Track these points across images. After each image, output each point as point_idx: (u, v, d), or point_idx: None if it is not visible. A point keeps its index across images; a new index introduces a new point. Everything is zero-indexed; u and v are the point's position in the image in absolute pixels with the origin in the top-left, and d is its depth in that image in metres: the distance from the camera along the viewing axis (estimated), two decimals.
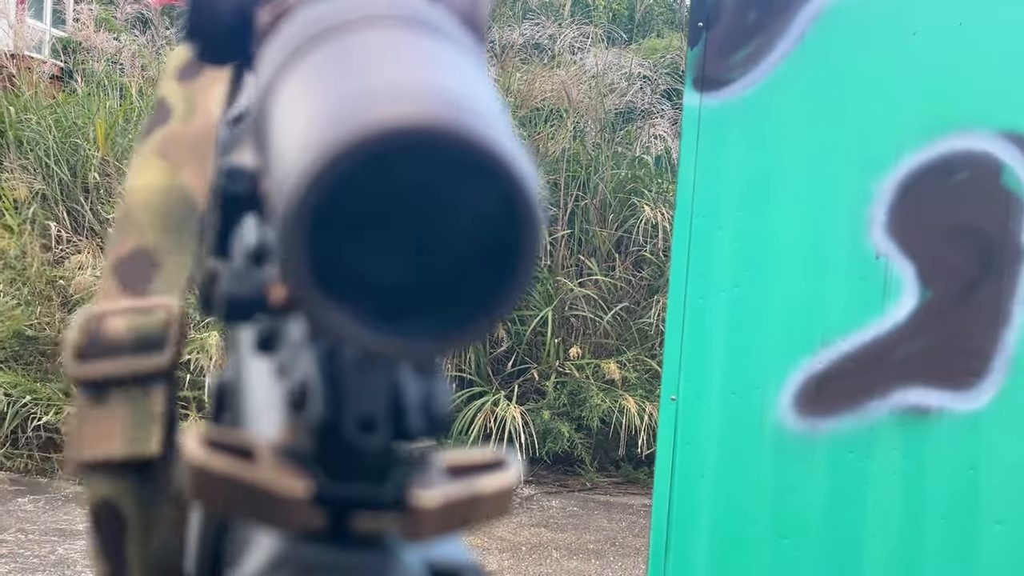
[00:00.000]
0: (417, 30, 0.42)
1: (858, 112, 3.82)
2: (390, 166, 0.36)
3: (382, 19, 0.42)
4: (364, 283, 0.39)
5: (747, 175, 3.96)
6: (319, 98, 0.38)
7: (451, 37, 0.42)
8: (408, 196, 0.38)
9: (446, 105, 0.36)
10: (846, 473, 3.83)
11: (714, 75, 3.99)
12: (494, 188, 0.37)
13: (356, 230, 0.38)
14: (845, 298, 3.84)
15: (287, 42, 0.43)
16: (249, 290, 0.46)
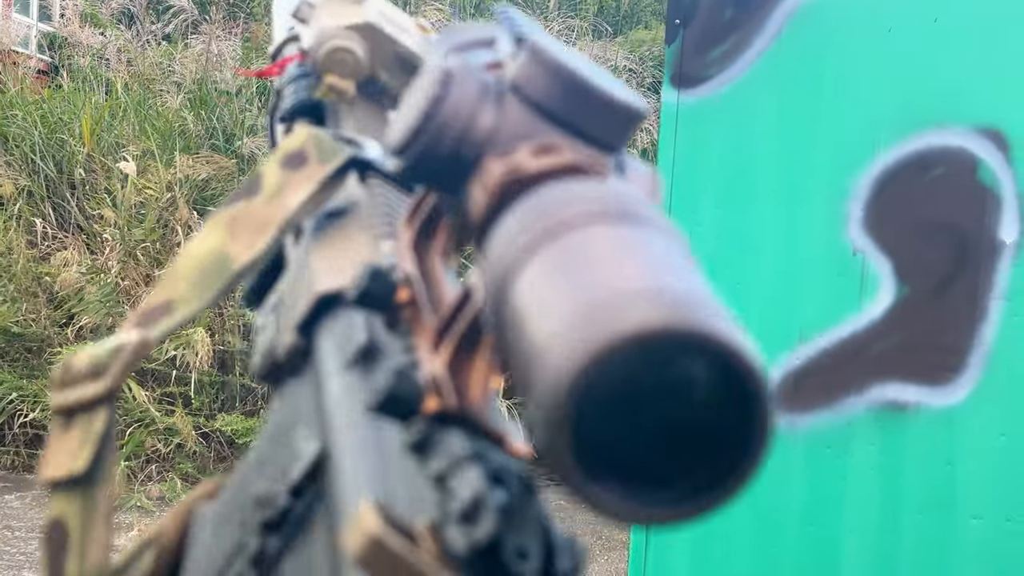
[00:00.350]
0: (648, 228, 0.46)
1: (834, 109, 3.83)
2: (639, 361, 0.41)
3: (617, 215, 0.46)
4: (613, 459, 0.42)
5: (725, 172, 3.97)
6: (574, 296, 0.42)
7: (669, 231, 0.47)
8: (652, 383, 0.42)
9: (686, 308, 0.40)
10: (824, 469, 3.85)
11: (691, 72, 3.99)
12: (728, 374, 0.41)
13: (606, 413, 0.42)
14: (822, 294, 3.85)
15: (533, 221, 0.46)
16: (408, 391, 0.50)
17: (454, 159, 0.55)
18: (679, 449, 0.43)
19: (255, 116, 10.61)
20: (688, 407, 0.42)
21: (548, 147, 0.50)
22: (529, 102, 0.54)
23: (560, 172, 0.50)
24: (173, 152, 9.25)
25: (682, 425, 0.43)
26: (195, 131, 9.95)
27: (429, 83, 0.55)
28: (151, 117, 9.96)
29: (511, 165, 0.50)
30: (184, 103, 10.21)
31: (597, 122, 0.53)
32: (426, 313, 0.54)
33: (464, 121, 0.55)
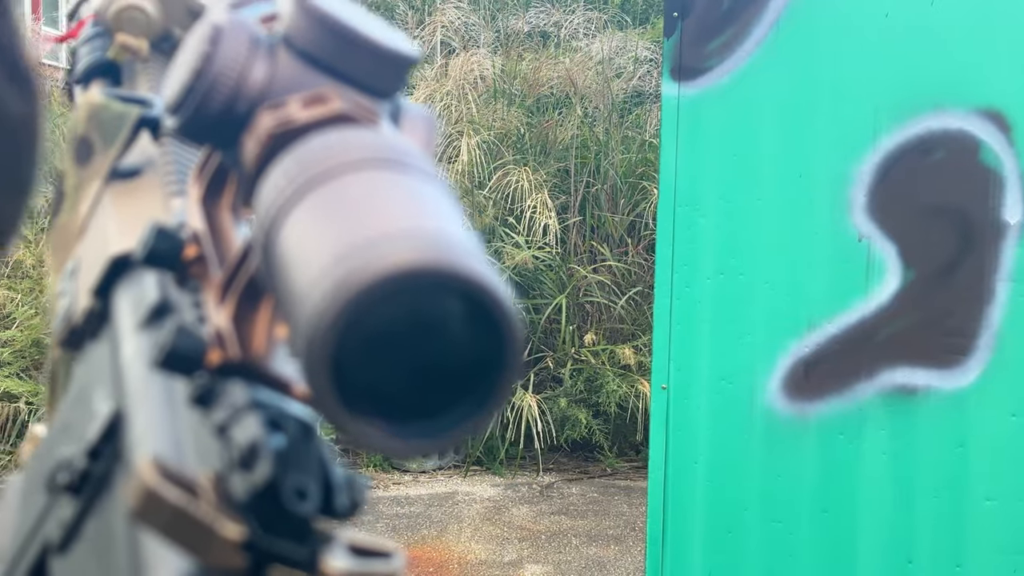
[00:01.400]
0: (409, 172, 0.49)
1: (834, 95, 3.83)
2: (395, 300, 0.44)
3: (380, 161, 0.48)
4: (376, 396, 0.45)
5: (727, 163, 3.98)
6: (335, 239, 0.45)
7: (432, 176, 0.50)
8: (409, 321, 0.45)
9: (438, 248, 0.44)
10: (836, 455, 3.86)
11: (691, 64, 4.01)
12: (479, 311, 0.44)
13: (367, 353, 0.44)
14: (829, 281, 3.86)
15: (297, 172, 0.49)
16: (191, 346, 0.51)
17: (228, 115, 0.56)
18: (440, 383, 0.46)
19: None
20: (446, 343, 0.45)
21: (317, 97, 0.52)
22: (300, 54, 0.56)
23: (329, 121, 0.51)
24: None
25: (441, 360, 0.45)
26: None
27: (198, 40, 0.56)
28: None
29: (280, 117, 0.52)
30: None
31: (368, 70, 0.55)
32: (213, 268, 0.55)
33: (235, 76, 0.56)
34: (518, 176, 9.40)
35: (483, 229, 9.47)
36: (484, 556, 7.09)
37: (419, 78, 10.80)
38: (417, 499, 8.20)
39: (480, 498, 8.28)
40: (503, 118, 10.12)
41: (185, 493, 0.48)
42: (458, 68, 10.19)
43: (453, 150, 9.78)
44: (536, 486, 8.58)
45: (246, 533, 0.48)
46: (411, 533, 7.46)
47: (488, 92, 10.36)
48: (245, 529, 0.48)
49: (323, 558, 0.49)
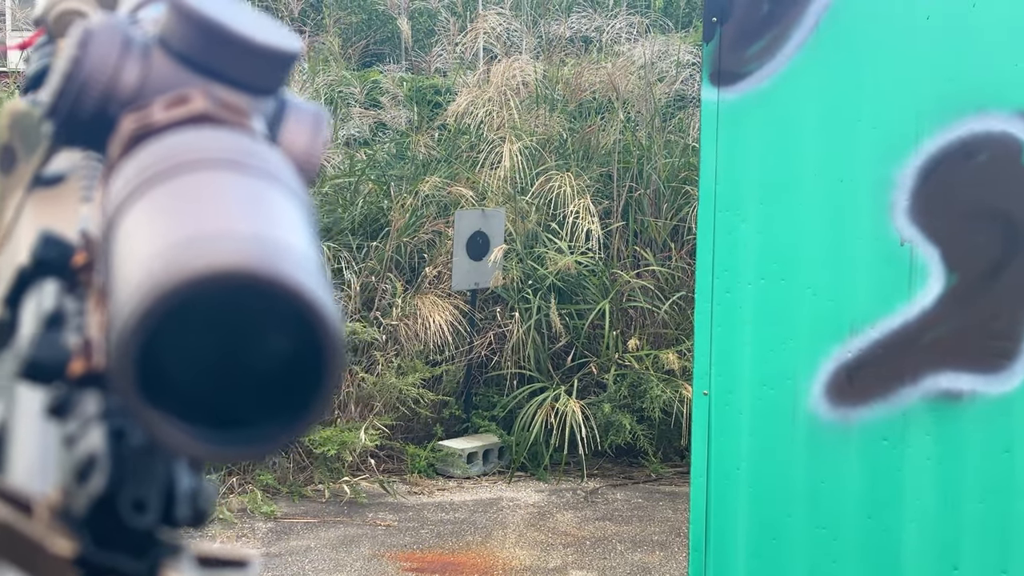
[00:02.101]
0: (250, 174, 0.48)
1: (875, 99, 3.81)
2: (218, 300, 0.44)
3: (221, 163, 0.48)
4: (187, 397, 0.45)
5: (768, 167, 3.97)
6: (160, 234, 0.45)
7: (281, 182, 0.49)
8: (233, 325, 0.45)
9: (261, 254, 0.44)
10: (881, 460, 3.83)
11: (730, 69, 4.00)
12: (302, 324, 0.44)
13: (185, 351, 0.45)
14: (872, 285, 3.84)
15: (142, 170, 0.49)
16: (52, 356, 0.51)
17: (102, 117, 0.56)
18: (263, 393, 0.46)
19: None
20: (269, 351, 0.45)
21: (179, 98, 0.52)
22: (175, 54, 0.55)
23: (188, 122, 0.51)
24: None
25: (265, 368, 0.45)
26: None
27: (69, 44, 0.56)
28: None
29: (140, 118, 0.51)
30: None
31: (243, 67, 0.55)
32: (99, 274, 0.53)
33: (106, 79, 0.56)
34: (560, 181, 9.40)
35: (526, 235, 9.48)
36: (529, 562, 7.09)
37: (461, 84, 10.83)
38: (462, 505, 8.22)
39: (524, 504, 8.28)
40: (545, 123, 10.12)
41: (15, 510, 0.47)
42: (500, 74, 10.20)
43: (495, 156, 9.79)
44: (580, 492, 8.57)
45: (77, 549, 0.47)
46: (456, 539, 7.47)
47: (530, 98, 10.37)
48: (76, 545, 0.47)
49: (164, 571, 0.48)
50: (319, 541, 7.36)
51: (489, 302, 9.54)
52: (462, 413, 9.34)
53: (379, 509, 8.06)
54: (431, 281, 9.30)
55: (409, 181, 9.88)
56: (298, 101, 0.62)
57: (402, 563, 7.02)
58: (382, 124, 11.20)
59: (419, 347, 8.99)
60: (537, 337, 9.20)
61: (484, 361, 9.39)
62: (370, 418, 8.59)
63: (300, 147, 0.60)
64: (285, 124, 0.60)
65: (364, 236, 9.54)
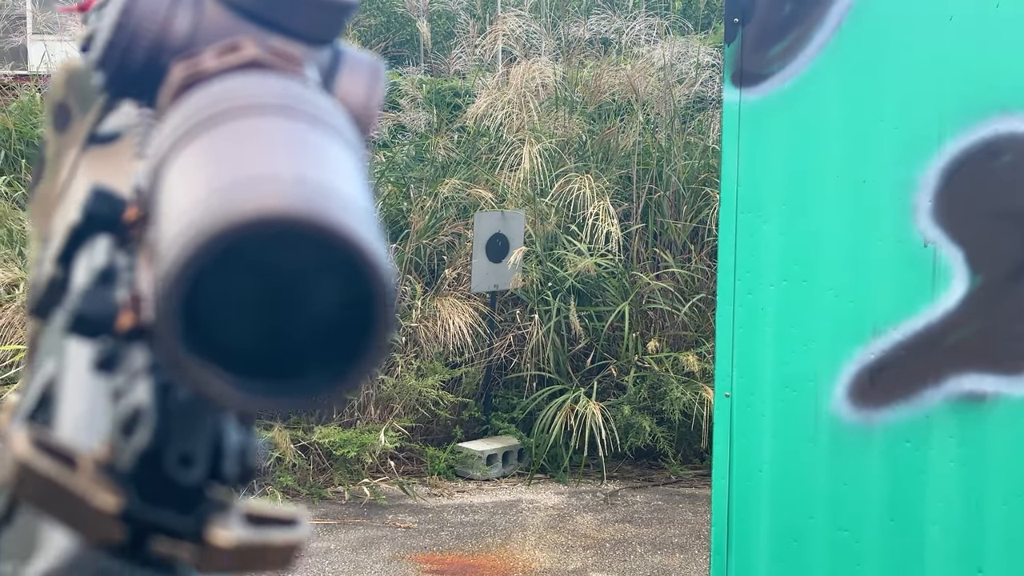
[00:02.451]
0: (301, 119, 0.47)
1: (898, 100, 3.80)
2: (265, 247, 0.42)
3: (270, 108, 0.47)
4: (235, 350, 0.44)
5: (790, 168, 3.95)
6: (201, 181, 0.44)
7: (333, 128, 0.48)
8: (281, 273, 0.44)
9: (305, 197, 0.42)
10: (903, 463, 3.81)
11: (752, 70, 3.99)
12: (353, 271, 0.43)
13: (232, 301, 0.44)
14: (894, 287, 3.82)
15: (189, 116, 0.48)
16: (100, 310, 0.50)
17: (153, 68, 0.55)
18: (311, 344, 0.45)
19: None
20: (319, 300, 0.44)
21: (231, 46, 0.51)
22: (228, 3, 0.55)
23: (239, 68, 0.50)
24: None
25: (315, 318, 0.44)
26: None
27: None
28: None
29: (190, 66, 0.50)
30: None
31: (297, 16, 0.54)
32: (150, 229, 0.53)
33: (156, 28, 0.55)
34: (580, 183, 9.40)
35: (545, 237, 9.47)
36: (549, 564, 7.09)
37: (480, 86, 10.84)
38: (481, 507, 8.21)
39: (544, 506, 8.28)
40: (565, 125, 10.12)
41: (60, 464, 0.47)
42: (519, 76, 10.20)
43: (515, 158, 9.79)
44: (600, 494, 8.56)
45: (122, 504, 0.47)
46: (475, 541, 7.47)
47: (549, 100, 10.37)
48: (121, 499, 0.47)
49: (211, 528, 0.48)
50: (339, 543, 7.36)
51: (509, 304, 9.54)
52: (481, 415, 9.34)
53: (399, 511, 8.06)
54: (451, 283, 9.31)
55: (428, 183, 9.89)
56: (354, 52, 0.61)
57: (422, 565, 7.02)
58: (401, 126, 11.21)
59: (439, 349, 8.99)
60: (557, 339, 9.19)
61: (504, 363, 9.39)
62: (390, 420, 8.60)
63: (356, 98, 0.59)
64: (340, 75, 0.59)
65: (384, 238, 9.55)
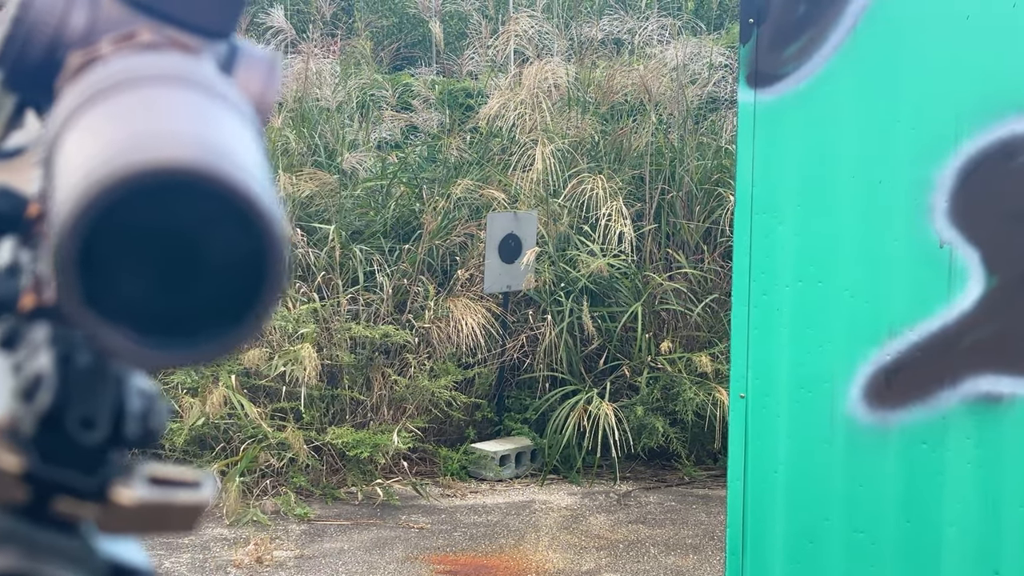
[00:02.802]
0: (196, 89, 0.49)
1: (914, 100, 3.78)
2: (158, 203, 0.43)
3: (166, 78, 0.49)
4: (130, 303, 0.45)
5: (805, 169, 3.94)
6: (98, 140, 0.45)
7: (228, 101, 0.49)
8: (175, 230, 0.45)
9: (200, 150, 0.43)
10: (920, 464, 3.80)
11: (767, 71, 3.98)
12: (243, 223, 0.44)
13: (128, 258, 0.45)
14: (910, 288, 3.81)
15: (85, 89, 0.49)
16: (3, 293, 0.53)
17: (50, 63, 0.56)
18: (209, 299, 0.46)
19: (355, 131, 10.75)
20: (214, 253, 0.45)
21: (127, 34, 0.52)
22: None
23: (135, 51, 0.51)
24: (276, 171, 9.43)
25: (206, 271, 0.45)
26: (297, 149, 10.13)
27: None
28: None
29: (87, 53, 0.52)
30: (285, 122, 10.40)
31: (192, 8, 0.55)
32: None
33: (54, 23, 0.56)
34: (593, 184, 9.39)
35: (558, 237, 9.47)
36: (562, 565, 7.08)
37: (493, 87, 10.83)
38: (494, 508, 8.21)
39: (557, 507, 8.27)
40: (577, 126, 10.11)
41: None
42: (532, 77, 10.19)
43: (528, 158, 9.79)
44: (613, 495, 8.55)
45: (24, 464, 0.48)
46: (489, 542, 7.47)
47: (562, 100, 10.36)
48: (23, 460, 0.48)
49: (114, 488, 0.49)
50: (352, 543, 7.37)
51: (521, 305, 9.53)
52: (494, 416, 9.33)
53: (412, 511, 8.06)
54: (463, 284, 9.30)
55: (441, 184, 9.89)
56: (250, 46, 0.62)
57: (435, 565, 7.02)
58: (413, 127, 11.22)
59: (451, 350, 8.99)
60: (569, 340, 9.18)
61: (516, 364, 9.39)
62: (403, 421, 8.60)
63: (253, 90, 0.60)
64: (237, 68, 0.60)
65: (396, 239, 9.55)
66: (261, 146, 0.49)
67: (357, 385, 8.75)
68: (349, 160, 9.98)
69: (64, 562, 0.49)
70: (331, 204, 9.56)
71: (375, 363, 8.83)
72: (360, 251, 9.23)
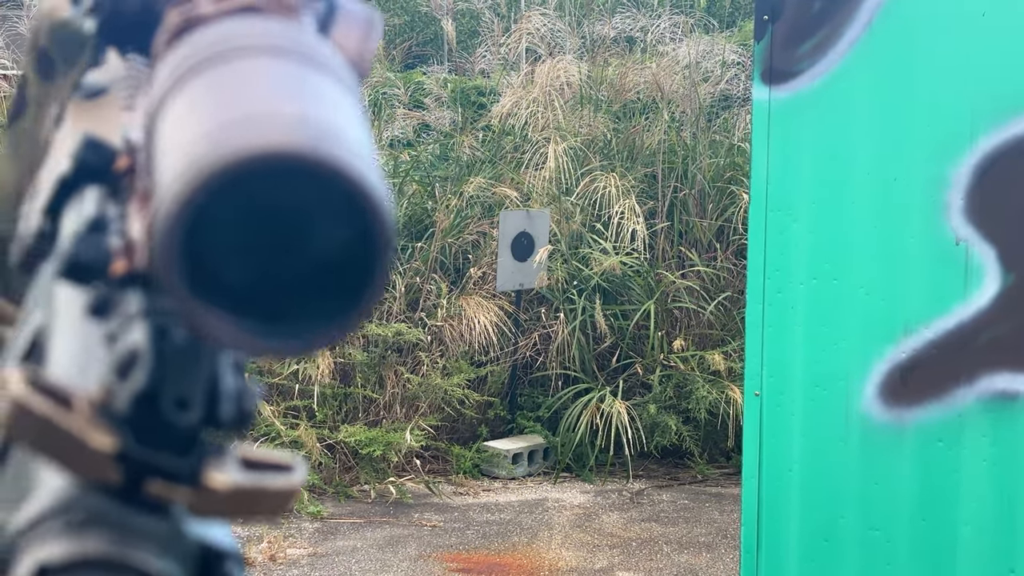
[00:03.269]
0: (300, 61, 0.47)
1: (930, 97, 3.77)
2: (263, 186, 0.42)
3: (269, 49, 0.47)
4: (235, 291, 0.44)
5: (820, 166, 3.93)
6: (202, 120, 0.44)
7: (331, 71, 0.48)
8: (283, 213, 0.43)
9: (308, 134, 0.42)
10: (935, 462, 3.79)
11: (782, 67, 3.97)
12: (354, 209, 0.43)
13: (230, 241, 0.43)
14: (926, 285, 3.79)
15: (187, 56, 0.48)
16: (93, 256, 0.51)
17: (147, 15, 0.54)
18: (312, 285, 0.44)
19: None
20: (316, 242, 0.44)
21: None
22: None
23: (235, 12, 0.49)
24: None
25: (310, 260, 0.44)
26: None
27: None
28: None
29: (186, 11, 0.50)
30: None
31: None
32: (142, 177, 0.52)
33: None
34: (605, 182, 9.38)
35: (570, 235, 9.46)
36: (575, 563, 7.08)
37: (505, 85, 10.83)
38: (507, 506, 8.21)
39: (570, 505, 8.27)
40: (590, 124, 10.10)
41: (56, 405, 0.47)
42: (544, 75, 10.19)
43: (540, 157, 9.78)
44: (626, 493, 8.55)
45: (118, 444, 0.47)
46: (501, 540, 7.47)
47: (574, 98, 10.36)
48: (117, 440, 0.47)
49: (208, 471, 0.48)
50: (365, 541, 7.37)
51: (534, 303, 9.53)
52: (507, 414, 9.33)
53: (425, 509, 8.06)
54: (476, 282, 9.30)
55: (454, 182, 9.89)
56: (349, 3, 0.61)
57: (448, 564, 7.02)
58: (426, 125, 11.22)
59: (464, 348, 8.99)
60: (582, 338, 9.18)
61: (529, 362, 9.39)
62: (415, 419, 8.60)
63: (351, 48, 0.59)
64: (335, 26, 0.59)
65: (409, 237, 9.55)
66: (363, 117, 0.48)
67: (370, 383, 8.76)
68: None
69: (153, 547, 0.47)
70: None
71: (388, 361, 8.83)
72: None
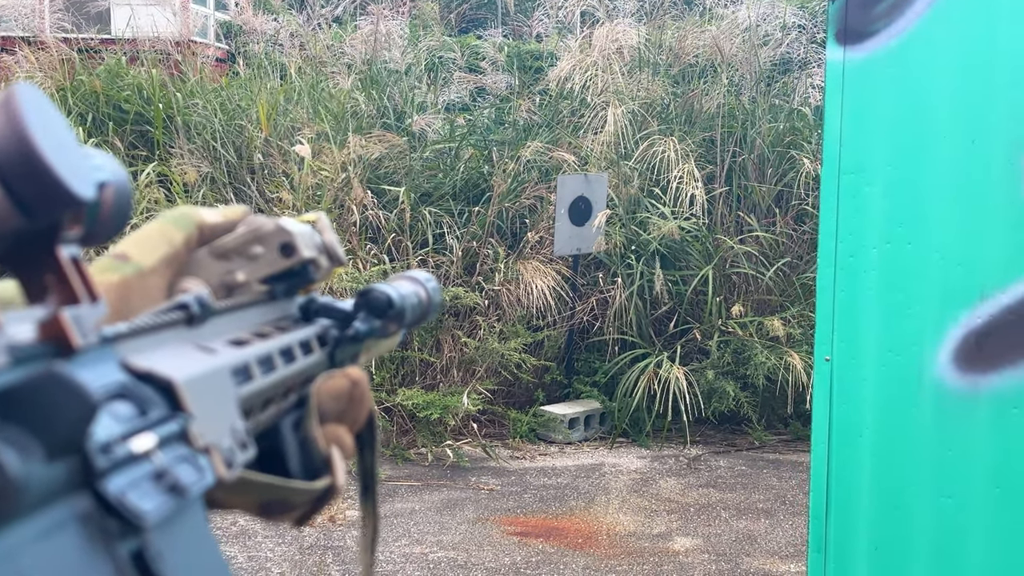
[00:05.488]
0: None
1: (1011, 56, 3.68)
2: None
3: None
4: None
5: (895, 128, 3.86)
6: None
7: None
8: None
9: None
10: (1011, 429, 3.72)
11: (857, 27, 3.89)
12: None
13: None
14: (1003, 250, 3.72)
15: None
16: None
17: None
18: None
19: (424, 93, 10.72)
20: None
21: None
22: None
23: None
24: (346, 133, 9.43)
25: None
26: (367, 111, 10.12)
27: None
28: (324, 99, 10.16)
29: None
30: (355, 84, 10.39)
31: (27, 186, 0.53)
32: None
33: None
34: (664, 146, 9.31)
35: (628, 200, 9.40)
36: (633, 528, 7.07)
37: (562, 49, 10.76)
38: (564, 470, 8.21)
39: (627, 470, 8.26)
40: (648, 88, 10.02)
41: None
42: (602, 38, 10.11)
43: (599, 120, 9.72)
44: (683, 459, 8.52)
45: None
46: (559, 504, 7.47)
47: (633, 62, 10.27)
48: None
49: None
50: (423, 504, 7.40)
51: (591, 267, 9.49)
52: (564, 378, 9.32)
53: (482, 473, 8.08)
54: (533, 246, 9.27)
55: (510, 146, 9.85)
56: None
57: (506, 527, 7.04)
58: (482, 89, 11.17)
59: (521, 312, 8.98)
60: (639, 303, 9.14)
61: (586, 327, 9.36)
62: (472, 383, 8.60)
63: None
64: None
65: (466, 201, 9.53)
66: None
67: (427, 347, 8.77)
68: (418, 122, 9.96)
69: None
70: (400, 166, 9.55)
71: (445, 325, 8.84)
72: (429, 213, 9.22)
